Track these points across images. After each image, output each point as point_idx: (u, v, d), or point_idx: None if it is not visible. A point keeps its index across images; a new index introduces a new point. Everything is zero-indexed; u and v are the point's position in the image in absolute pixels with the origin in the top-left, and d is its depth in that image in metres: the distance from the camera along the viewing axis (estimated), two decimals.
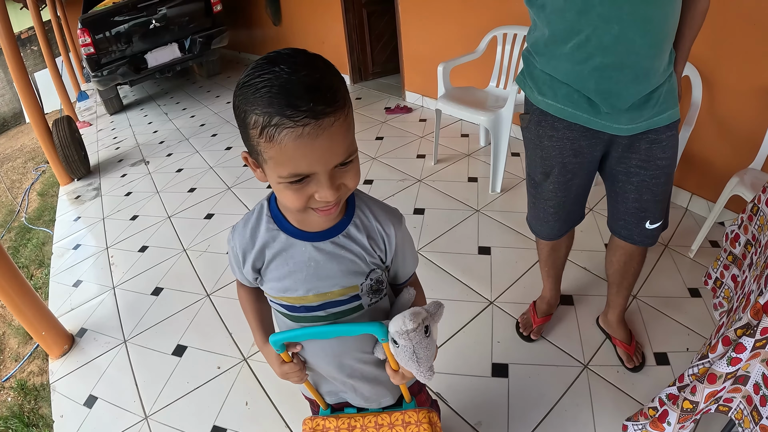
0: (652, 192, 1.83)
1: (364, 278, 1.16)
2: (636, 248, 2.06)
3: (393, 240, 1.17)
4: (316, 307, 1.17)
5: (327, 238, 1.11)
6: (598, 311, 2.55)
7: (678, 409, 1.53)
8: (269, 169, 0.91)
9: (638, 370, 2.26)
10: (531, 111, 1.87)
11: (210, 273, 3.39)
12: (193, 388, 2.51)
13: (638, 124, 1.68)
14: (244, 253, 1.15)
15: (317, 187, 0.91)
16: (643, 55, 1.53)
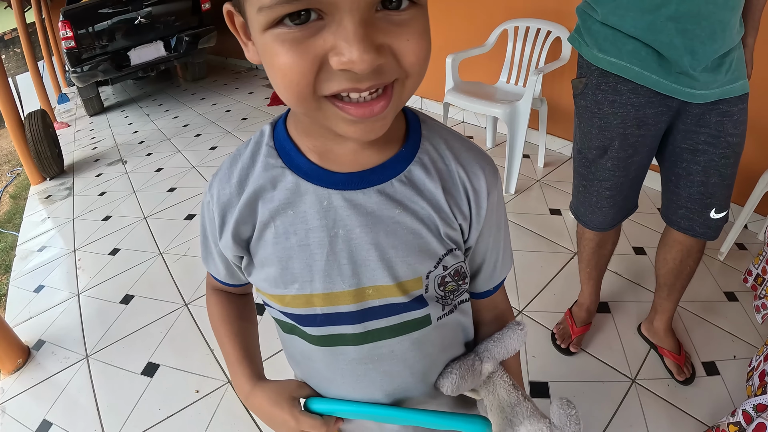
0: (721, 174, 1.66)
1: (434, 265, 0.69)
2: (695, 243, 1.86)
3: (484, 201, 0.70)
4: (347, 317, 0.69)
5: (371, 185, 0.65)
6: (637, 319, 2.37)
7: None
8: (250, 5, 0.50)
9: (690, 382, 2.06)
10: (588, 73, 1.70)
11: (188, 279, 3.06)
12: (166, 415, 2.17)
13: (712, 90, 1.53)
14: (223, 212, 0.70)
15: (335, 37, 0.47)
16: (721, 5, 1.38)
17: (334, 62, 0.48)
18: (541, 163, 3.79)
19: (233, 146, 5.22)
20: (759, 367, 1.71)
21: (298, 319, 0.72)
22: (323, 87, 0.51)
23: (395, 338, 0.72)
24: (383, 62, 0.49)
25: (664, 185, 1.83)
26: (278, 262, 0.68)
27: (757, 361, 1.75)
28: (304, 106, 0.54)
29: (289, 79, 0.50)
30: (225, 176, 0.70)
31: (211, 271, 0.83)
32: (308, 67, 0.49)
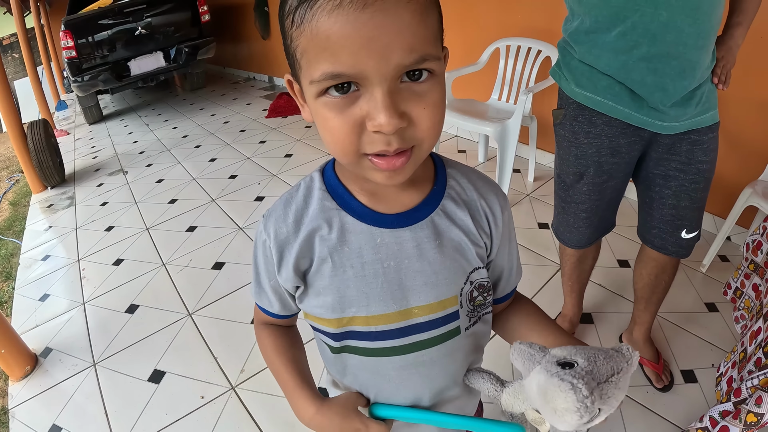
0: (691, 198, 1.76)
1: (464, 281, 0.82)
2: (669, 260, 1.97)
3: (500, 220, 0.85)
4: (396, 333, 0.81)
5: (415, 221, 0.78)
6: (619, 329, 2.47)
7: (741, 423, 1.47)
8: (304, 78, 0.63)
9: (668, 389, 2.17)
10: (566, 105, 1.79)
11: (192, 290, 3.13)
12: (173, 420, 2.24)
13: (682, 122, 1.63)
14: (281, 249, 0.80)
15: (368, 106, 0.60)
16: (690, 46, 1.47)
17: (368, 126, 0.61)
18: (531, 177, 3.87)
19: (232, 158, 5.33)
20: (727, 373, 1.78)
21: (353, 335, 0.83)
22: (365, 147, 0.63)
23: (433, 347, 0.84)
24: (405, 126, 0.61)
25: (640, 206, 1.93)
26: (336, 291, 0.79)
27: (725, 368, 1.83)
28: (347, 160, 0.66)
29: (337, 138, 0.63)
30: (281, 217, 0.80)
31: (264, 305, 0.91)
32: (351, 130, 0.62)
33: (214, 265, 3.34)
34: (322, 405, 0.86)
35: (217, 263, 3.36)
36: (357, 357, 0.87)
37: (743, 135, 2.95)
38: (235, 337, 2.66)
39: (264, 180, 4.67)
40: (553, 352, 0.69)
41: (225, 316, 2.84)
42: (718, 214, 3.19)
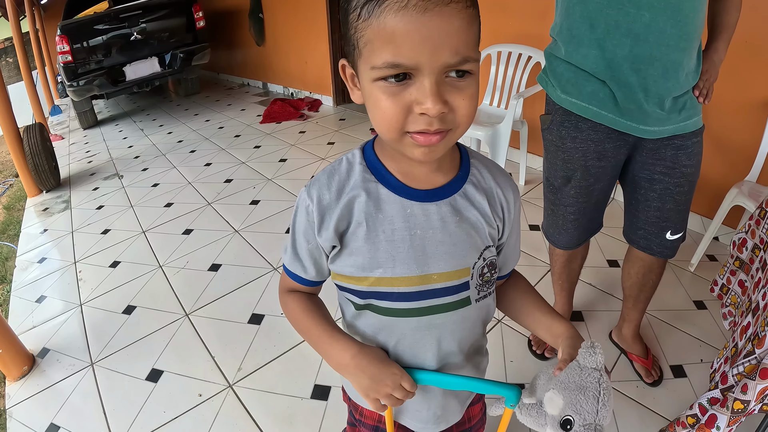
0: (675, 201, 1.82)
1: (477, 257, 0.94)
2: (655, 260, 2.02)
3: (512, 209, 0.98)
4: (415, 295, 0.92)
5: (440, 198, 0.90)
6: (609, 326, 2.52)
7: (728, 411, 1.49)
8: (363, 64, 0.74)
9: (657, 384, 2.22)
10: (553, 111, 1.84)
11: (189, 291, 3.16)
12: (171, 418, 2.26)
13: (665, 127, 1.68)
14: (322, 212, 0.90)
15: (418, 92, 0.71)
16: (673, 47, 1.52)
17: (416, 109, 0.72)
18: (523, 180, 3.93)
19: (228, 163, 5.38)
20: (720, 368, 1.79)
21: (377, 295, 0.93)
22: (409, 126, 0.74)
23: (445, 313, 0.95)
24: (446, 112, 0.72)
25: (626, 208, 1.98)
26: (367, 252, 0.90)
27: (718, 363, 1.84)
28: (391, 136, 0.77)
29: (387, 117, 0.74)
30: (324, 185, 0.90)
31: (298, 272, 1.00)
32: (400, 112, 0.73)
33: (211, 267, 3.37)
34: (361, 348, 0.94)
35: (214, 265, 3.39)
36: (377, 316, 0.96)
37: (730, 137, 3.02)
38: (231, 337, 2.69)
39: (259, 184, 4.70)
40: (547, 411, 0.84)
41: (222, 316, 2.87)
42: (705, 215, 3.25)
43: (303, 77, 7.69)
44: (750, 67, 2.82)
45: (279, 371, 2.44)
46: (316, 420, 2.16)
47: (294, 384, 2.35)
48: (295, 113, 6.85)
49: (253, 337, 2.67)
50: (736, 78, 2.86)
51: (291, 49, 7.67)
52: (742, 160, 2.94)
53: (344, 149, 5.35)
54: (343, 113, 6.81)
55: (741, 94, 2.90)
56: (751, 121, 2.88)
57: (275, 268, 3.28)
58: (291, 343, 2.60)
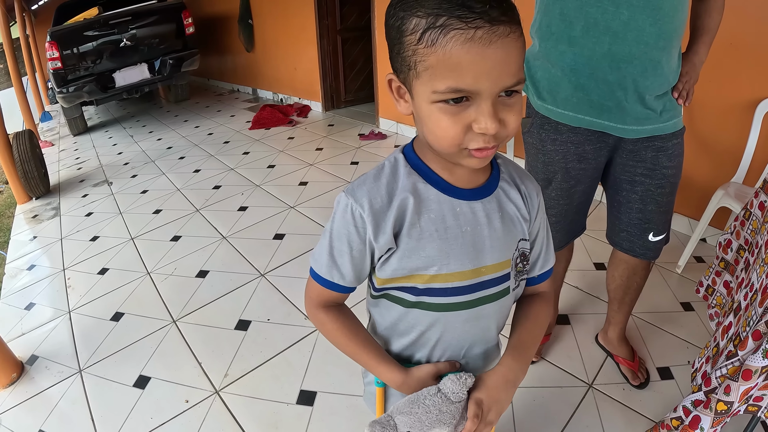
0: (657, 202, 1.82)
1: (515, 249, 1.01)
2: (639, 262, 2.02)
3: (536, 203, 1.04)
4: (467, 289, 0.97)
5: (484, 196, 0.96)
6: (595, 329, 2.53)
7: (711, 412, 1.51)
8: (422, 85, 0.79)
9: (644, 386, 2.22)
10: (533, 114, 1.85)
11: (176, 297, 3.16)
12: (158, 424, 2.26)
13: (644, 127, 1.69)
14: (377, 216, 0.91)
15: (477, 113, 0.77)
16: (652, 46, 1.53)
17: (475, 128, 0.78)
18: None
19: (216, 169, 5.40)
20: (701, 368, 1.80)
21: (430, 292, 0.97)
22: (468, 143, 0.81)
23: (491, 303, 1.00)
24: (500, 129, 0.78)
25: (609, 210, 1.99)
26: (422, 251, 0.93)
27: (699, 363, 1.85)
28: (449, 151, 0.83)
29: (449, 135, 0.80)
30: (374, 189, 0.92)
31: (336, 279, 0.99)
32: (461, 131, 0.79)
33: (198, 274, 3.38)
34: (407, 374, 1.00)
35: (201, 271, 3.40)
36: (427, 313, 1.00)
37: (716, 139, 3.05)
38: (218, 343, 2.70)
39: (247, 190, 4.72)
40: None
41: (209, 322, 2.88)
42: (692, 216, 3.28)
43: (292, 83, 7.72)
44: (735, 68, 2.85)
45: (265, 377, 2.45)
46: (302, 425, 2.17)
47: (280, 389, 2.36)
48: (284, 119, 6.88)
49: (240, 343, 2.67)
50: (722, 80, 2.89)
51: (280, 55, 7.70)
52: (729, 161, 2.96)
53: (333, 155, 5.42)
54: (332, 119, 6.84)
55: (726, 96, 2.93)
56: (736, 123, 2.92)
57: (262, 275, 3.29)
58: (277, 349, 2.61)
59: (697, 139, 3.16)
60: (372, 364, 1.04)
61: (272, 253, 3.54)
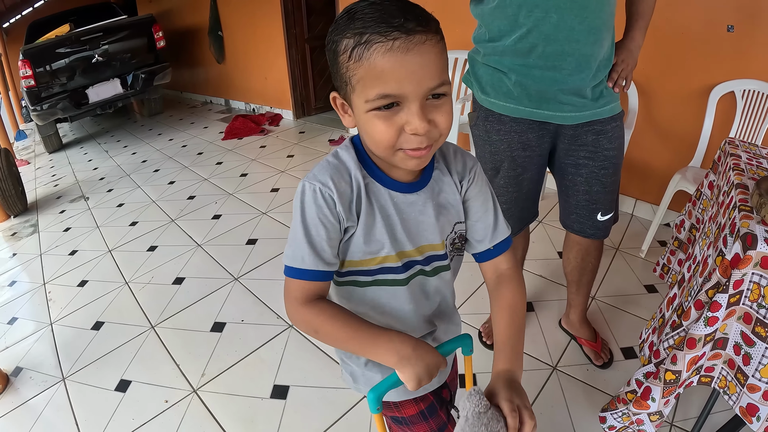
0: (602, 183, 1.92)
1: (451, 231, 1.10)
2: (591, 243, 2.13)
3: (467, 175, 1.10)
4: (412, 263, 1.08)
5: (419, 189, 1.04)
6: (558, 315, 2.63)
7: (661, 382, 1.53)
8: (357, 97, 0.88)
9: (608, 366, 2.31)
10: (478, 108, 1.94)
11: (154, 304, 3.23)
12: (139, 424, 2.33)
13: (582, 113, 1.79)
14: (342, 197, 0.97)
15: (407, 116, 0.86)
16: (583, 42, 1.63)
17: (407, 129, 0.87)
18: None
19: (190, 180, 5.45)
20: (648, 339, 1.85)
21: (384, 270, 1.06)
22: (402, 144, 0.89)
23: (434, 277, 1.11)
24: (430, 128, 0.88)
25: (559, 195, 2.09)
26: (372, 236, 1.02)
27: (646, 334, 1.90)
28: (386, 153, 0.92)
29: (384, 138, 0.88)
30: (336, 174, 0.99)
31: (320, 267, 0.99)
32: (394, 133, 0.88)
33: (175, 281, 3.45)
34: (417, 342, 0.96)
35: (178, 278, 3.48)
36: (386, 288, 1.09)
37: (673, 125, 3.17)
38: (195, 345, 2.78)
39: (220, 199, 4.79)
40: None
41: (186, 326, 2.95)
42: (654, 202, 3.39)
43: (263, 93, 7.75)
44: (687, 57, 2.96)
45: (240, 375, 2.53)
46: (276, 418, 2.26)
47: (254, 386, 2.44)
48: (256, 128, 6.94)
49: (216, 344, 2.76)
50: (676, 68, 3.01)
51: (251, 66, 7.73)
52: (686, 147, 3.07)
53: (304, 161, 5.50)
54: (302, 126, 6.92)
55: (681, 84, 3.04)
56: (692, 109, 3.03)
57: (236, 278, 3.37)
58: (251, 347, 2.70)
59: (655, 126, 3.26)
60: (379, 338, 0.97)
61: (245, 258, 3.61)
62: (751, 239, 1.32)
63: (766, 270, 1.31)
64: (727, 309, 1.37)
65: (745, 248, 1.32)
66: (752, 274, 1.33)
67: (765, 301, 1.33)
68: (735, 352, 1.45)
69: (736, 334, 1.43)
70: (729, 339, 1.45)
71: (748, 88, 2.83)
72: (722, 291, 1.36)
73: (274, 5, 6.53)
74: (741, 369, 1.43)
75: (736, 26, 2.73)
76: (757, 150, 1.94)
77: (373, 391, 1.00)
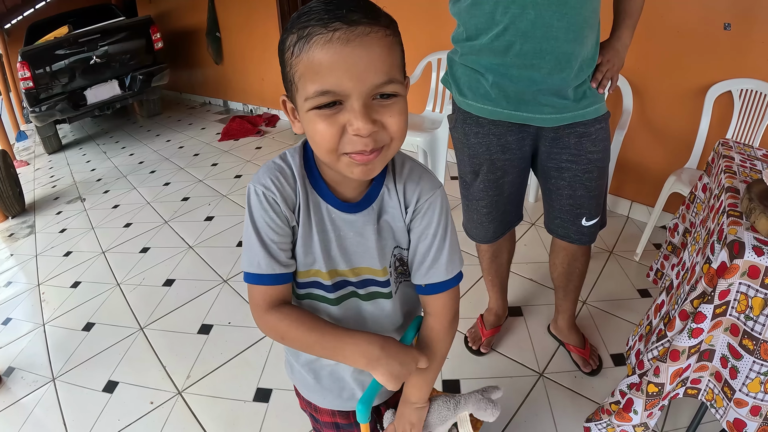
0: (586, 187, 1.83)
1: (392, 255, 1.06)
2: (577, 248, 2.05)
3: (412, 207, 1.02)
4: (346, 284, 1.06)
5: (361, 209, 1.00)
6: (548, 319, 2.56)
7: (643, 394, 1.49)
8: (300, 96, 0.83)
9: (596, 373, 2.25)
10: (457, 110, 1.89)
11: (144, 306, 3.24)
12: (124, 425, 2.34)
13: (562, 115, 1.70)
14: (285, 200, 0.96)
15: (349, 115, 0.80)
16: (562, 40, 1.55)
17: (349, 130, 0.80)
18: None
19: (185, 182, 5.43)
20: (635, 346, 1.81)
21: (315, 285, 1.04)
22: (344, 147, 0.83)
23: (368, 302, 1.08)
24: (376, 130, 0.82)
25: (543, 199, 2.02)
26: (307, 248, 1.00)
27: (633, 341, 1.86)
28: (329, 158, 0.86)
29: (325, 139, 0.82)
30: (280, 177, 0.97)
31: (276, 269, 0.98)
32: (335, 133, 0.81)
33: (165, 282, 3.45)
34: (385, 340, 0.96)
35: (168, 280, 3.48)
36: (319, 303, 1.07)
37: (669, 126, 3.11)
38: (182, 347, 2.78)
39: (214, 201, 4.78)
40: None
41: (174, 328, 2.95)
42: (650, 204, 3.32)
43: (261, 94, 7.74)
44: (683, 55, 2.90)
45: (225, 377, 2.53)
46: (258, 421, 2.25)
47: (238, 388, 2.44)
48: (252, 129, 6.92)
49: (202, 346, 2.75)
50: (671, 67, 2.96)
51: (248, 67, 7.72)
52: (682, 147, 3.01)
53: None
54: None
55: (677, 83, 2.99)
56: (688, 109, 2.97)
57: (225, 281, 3.37)
58: (237, 350, 2.69)
59: (650, 127, 3.22)
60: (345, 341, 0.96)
61: (235, 260, 3.61)
62: (738, 247, 1.26)
63: (753, 280, 1.25)
64: (713, 320, 1.32)
65: (732, 257, 1.26)
66: (739, 284, 1.27)
67: (753, 312, 1.27)
68: (722, 365, 1.41)
69: (723, 346, 1.39)
70: (716, 351, 1.41)
71: (746, 88, 2.75)
72: (707, 302, 1.31)
73: (271, 7, 6.52)
74: (728, 382, 1.39)
75: (733, 24, 2.68)
76: (752, 151, 1.89)
77: (361, 402, 1.01)
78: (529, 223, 3.51)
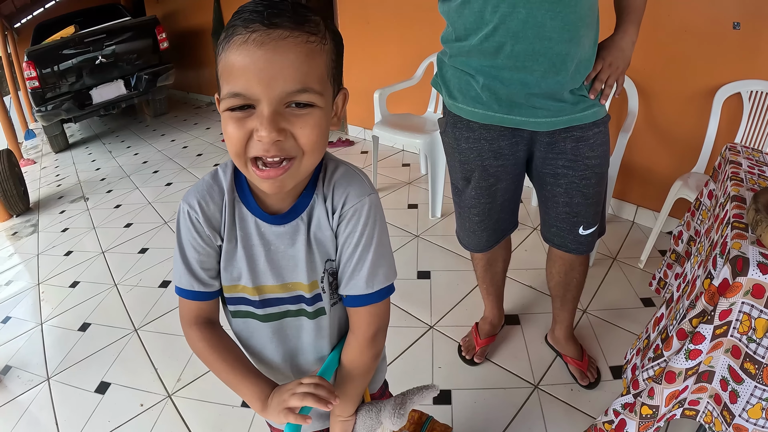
0: (583, 194, 1.75)
1: (323, 269, 1.02)
2: (574, 257, 1.97)
3: (351, 223, 0.98)
4: (277, 301, 1.03)
5: (289, 221, 0.97)
6: (546, 329, 2.47)
7: (636, 416, 1.43)
8: (221, 96, 0.82)
9: (594, 386, 2.17)
10: (447, 114, 1.82)
11: (139, 307, 3.23)
12: (114, 427, 2.32)
13: (558, 118, 1.62)
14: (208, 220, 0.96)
15: (257, 120, 0.78)
16: (556, 40, 1.46)
17: (255, 135, 0.78)
18: None
19: (187, 182, 5.43)
20: (632, 360, 1.75)
21: (244, 301, 1.02)
22: (250, 151, 0.81)
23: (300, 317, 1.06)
24: (283, 140, 0.80)
25: (539, 206, 1.95)
26: (233, 263, 0.99)
27: (630, 354, 1.80)
28: (239, 162, 0.84)
29: (231, 143, 0.81)
30: (206, 195, 0.96)
31: (195, 287, 1.00)
32: (243, 137, 0.80)
33: (161, 284, 3.44)
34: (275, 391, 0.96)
35: (164, 282, 3.46)
36: (251, 321, 1.06)
37: (676, 129, 3.03)
38: (174, 349, 2.76)
39: None
40: None
41: (167, 330, 2.94)
42: (656, 209, 3.22)
43: None
44: (690, 55, 2.83)
45: (214, 381, 2.42)
46: (245, 426, 2.23)
47: (227, 393, 2.32)
48: None
49: None
50: (679, 68, 2.88)
51: None
52: (689, 151, 2.93)
53: None
54: None
55: (684, 84, 2.91)
56: (696, 111, 2.89)
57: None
58: None
59: (656, 129, 3.14)
60: (234, 384, 1.01)
61: None
62: (741, 264, 1.17)
63: (757, 300, 1.16)
64: (713, 341, 1.24)
65: (735, 274, 1.17)
66: (742, 303, 1.19)
67: (756, 334, 1.19)
68: (722, 388, 1.33)
69: (723, 368, 1.31)
70: (715, 373, 1.33)
71: (756, 89, 2.69)
72: (707, 321, 1.23)
73: None
74: (727, 406, 1.31)
75: (742, 23, 2.61)
76: (761, 156, 1.79)
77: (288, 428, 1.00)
78: (530, 228, 3.45)
